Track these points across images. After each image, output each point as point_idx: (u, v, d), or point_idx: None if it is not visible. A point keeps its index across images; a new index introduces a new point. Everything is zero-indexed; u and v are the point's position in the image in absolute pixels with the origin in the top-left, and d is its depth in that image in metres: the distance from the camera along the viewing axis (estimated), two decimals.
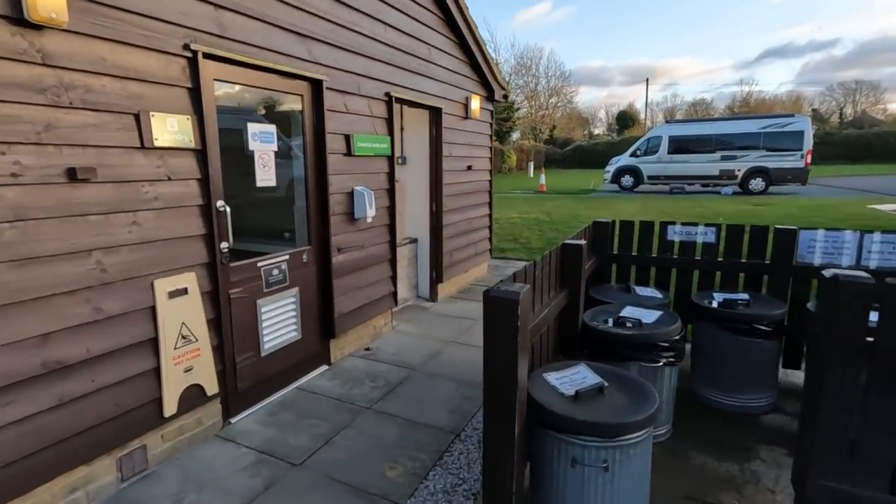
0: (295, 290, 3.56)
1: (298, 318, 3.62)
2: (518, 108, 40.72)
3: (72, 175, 2.19)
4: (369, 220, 4.19)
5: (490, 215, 7.06)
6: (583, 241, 2.78)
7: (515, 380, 1.72)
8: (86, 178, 2.24)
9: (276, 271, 3.38)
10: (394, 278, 4.73)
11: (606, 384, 2.07)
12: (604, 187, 21.30)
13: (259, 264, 3.25)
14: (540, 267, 2.34)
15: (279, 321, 3.45)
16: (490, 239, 7.14)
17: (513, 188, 21.86)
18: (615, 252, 3.87)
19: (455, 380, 3.77)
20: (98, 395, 2.36)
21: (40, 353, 2.14)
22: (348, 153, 3.96)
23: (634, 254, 3.80)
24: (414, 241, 5.70)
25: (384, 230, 4.55)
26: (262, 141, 3.21)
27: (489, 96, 6.54)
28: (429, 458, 2.80)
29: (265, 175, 3.26)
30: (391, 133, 4.49)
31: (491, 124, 6.79)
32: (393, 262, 4.70)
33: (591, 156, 41.05)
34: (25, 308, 2.09)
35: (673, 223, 3.63)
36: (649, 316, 2.86)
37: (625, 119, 53.97)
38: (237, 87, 3.18)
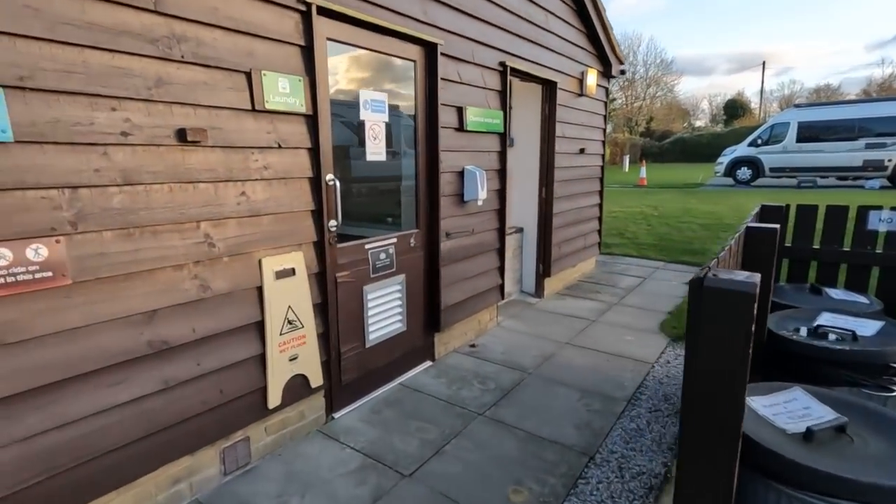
0: (401, 277, 3.24)
1: (404, 308, 3.30)
2: (613, 100, 38.47)
3: (182, 137, 1.99)
4: (480, 203, 3.77)
5: (601, 205, 6.38)
6: (776, 226, 2.14)
7: (740, 406, 1.19)
8: (196, 141, 2.02)
9: (383, 255, 3.07)
10: (501, 269, 4.29)
11: (847, 420, 1.46)
12: (714, 181, 19.30)
13: (367, 246, 2.96)
14: (732, 254, 1.77)
15: (385, 310, 3.15)
16: (600, 231, 6.46)
17: (609, 182, 20.46)
18: (788, 244, 3.11)
19: (577, 388, 3.25)
20: (203, 380, 2.16)
21: (147, 332, 1.96)
22: (460, 128, 3.57)
23: (816, 247, 3.02)
24: (520, 230, 5.22)
25: (494, 216, 4.12)
26: (373, 110, 2.90)
27: (605, 71, 5.86)
28: (560, 484, 2.32)
29: (375, 148, 2.95)
30: (504, 108, 4.03)
31: (606, 103, 6.11)
32: (501, 252, 4.26)
33: (694, 148, 37.92)
34: (133, 282, 1.91)
35: (878, 208, 2.81)
36: (865, 327, 2.14)
37: (734, 108, 49.13)
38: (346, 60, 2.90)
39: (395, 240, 3.15)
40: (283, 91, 2.33)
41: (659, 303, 5.07)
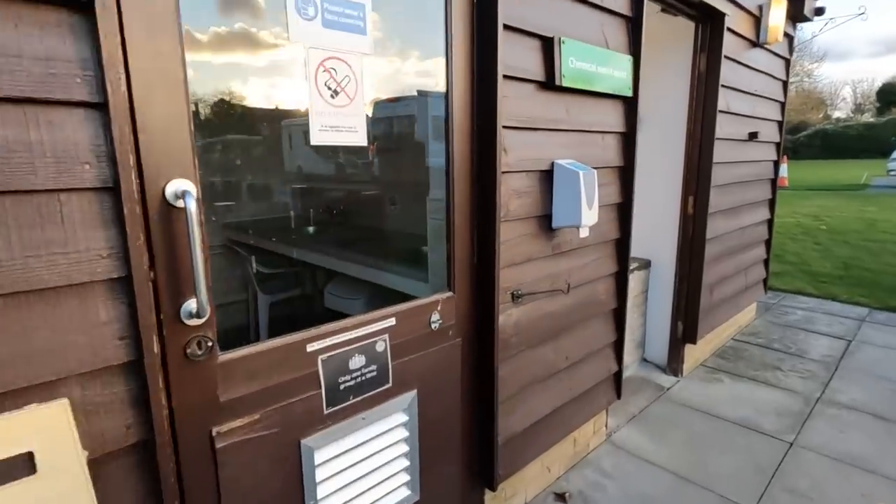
0: (407, 396, 1.51)
1: (414, 459, 1.56)
2: None
3: None
4: (584, 232, 1.92)
5: (771, 222, 4.14)
6: None
7: None
8: None
9: (357, 360, 1.36)
10: (619, 346, 2.39)
11: None
12: (881, 181, 15.21)
13: (312, 348, 1.26)
14: None
15: (366, 473, 1.43)
16: (766, 262, 4.22)
17: None
18: None
19: None
20: None
21: None
22: (548, 83, 1.75)
23: None
24: (645, 265, 3.25)
25: (608, 252, 2.24)
26: (327, 23, 1.20)
27: (794, 10, 3.64)
28: None
29: (333, 117, 1.24)
30: (636, 50, 2.14)
31: (788, 62, 3.87)
32: (620, 316, 2.36)
33: (840, 142, 32.27)
34: None
35: None
36: None
37: (892, 94, 41.15)
38: None
39: (390, 322, 1.43)
40: None
41: None
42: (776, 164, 4.00)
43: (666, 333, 3.26)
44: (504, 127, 1.61)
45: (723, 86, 2.92)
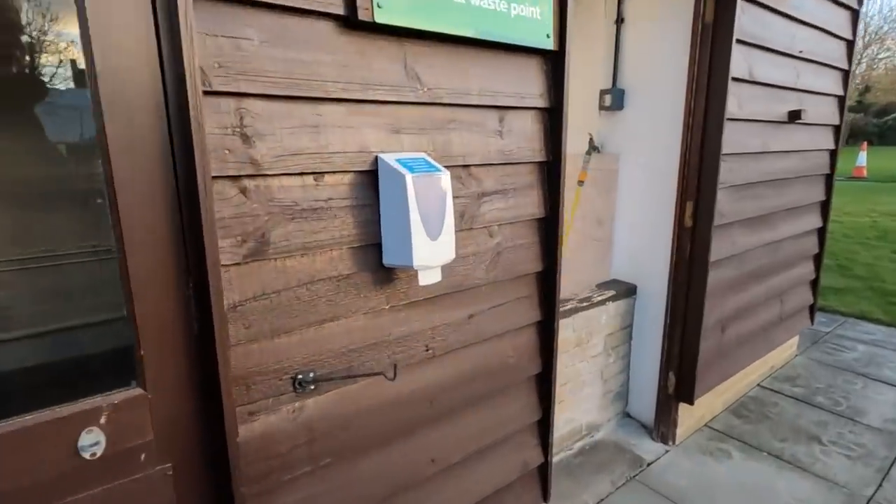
0: None
1: None
2: None
3: None
4: (426, 278, 1.15)
5: (823, 231, 3.14)
6: None
7: None
8: None
9: None
10: (545, 427, 1.61)
11: None
12: None
13: None
14: None
15: None
16: (815, 283, 3.22)
17: None
18: None
19: None
20: None
21: None
22: (351, 18, 0.99)
23: None
24: (627, 291, 2.41)
25: (520, 292, 1.45)
26: None
27: None
28: None
29: None
30: None
31: (856, 15, 2.83)
32: (545, 382, 1.57)
33: None
34: None
35: None
36: None
37: None
38: None
39: None
40: None
41: None
42: (833, 155, 2.99)
43: (655, 383, 2.41)
44: (231, 94, 0.88)
45: (741, 42, 2.01)
